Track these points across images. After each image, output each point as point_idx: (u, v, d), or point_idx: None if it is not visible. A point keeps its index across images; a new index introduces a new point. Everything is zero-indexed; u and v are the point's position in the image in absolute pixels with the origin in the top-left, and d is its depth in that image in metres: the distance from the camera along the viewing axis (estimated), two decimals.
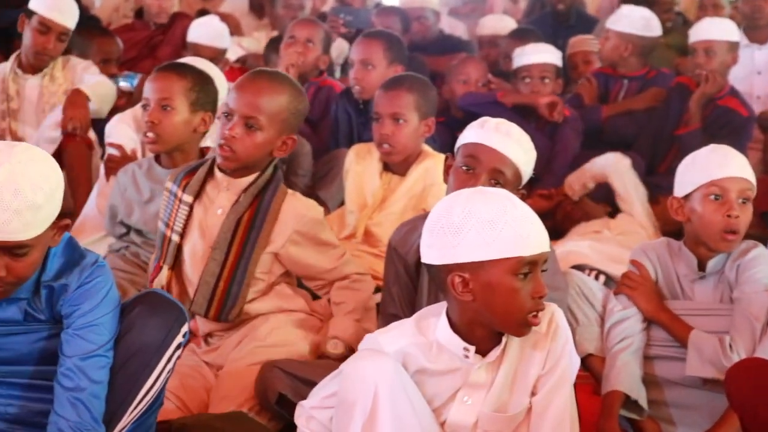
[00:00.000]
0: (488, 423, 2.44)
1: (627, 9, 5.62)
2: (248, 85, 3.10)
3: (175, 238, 3.18)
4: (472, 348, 2.41)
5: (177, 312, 2.57)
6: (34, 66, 4.96)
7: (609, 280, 3.71)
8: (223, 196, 3.15)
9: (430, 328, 2.46)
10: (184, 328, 2.58)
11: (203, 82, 3.65)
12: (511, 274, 2.34)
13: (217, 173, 3.15)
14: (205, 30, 5.56)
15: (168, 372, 2.56)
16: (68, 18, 4.92)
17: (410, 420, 2.38)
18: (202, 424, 2.80)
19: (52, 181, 2.37)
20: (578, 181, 4.81)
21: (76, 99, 4.73)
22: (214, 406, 3.01)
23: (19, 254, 2.36)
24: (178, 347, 2.56)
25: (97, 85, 4.83)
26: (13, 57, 5.02)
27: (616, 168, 4.68)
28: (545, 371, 2.43)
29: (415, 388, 2.41)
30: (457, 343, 2.42)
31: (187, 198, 3.16)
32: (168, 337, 2.54)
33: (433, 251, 2.40)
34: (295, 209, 3.15)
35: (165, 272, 3.20)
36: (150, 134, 3.61)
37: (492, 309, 2.37)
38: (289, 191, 3.19)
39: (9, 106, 4.93)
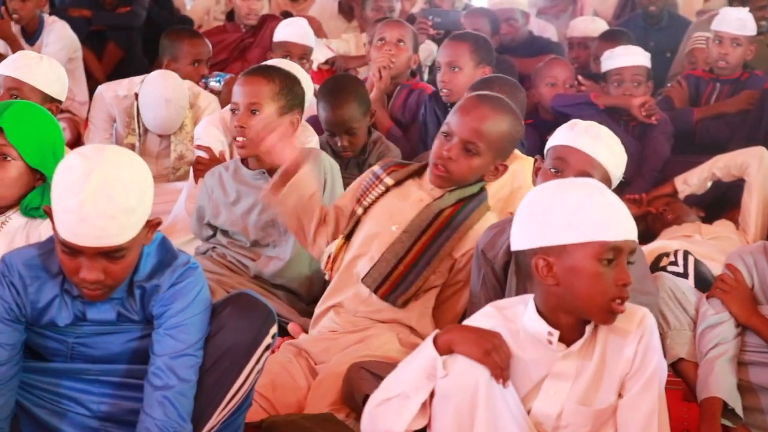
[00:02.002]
0: (572, 415, 2.44)
1: (734, 11, 5.55)
2: (473, 110, 3.12)
3: (359, 211, 3.23)
4: (556, 333, 2.43)
5: (266, 313, 2.59)
6: None
7: (698, 263, 3.63)
8: (426, 196, 3.18)
9: (517, 315, 2.48)
10: (273, 329, 2.60)
11: (290, 84, 3.67)
12: (594, 259, 2.35)
13: (426, 178, 3.20)
14: (293, 29, 5.60)
15: (257, 373, 2.59)
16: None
17: (505, 414, 2.40)
18: (291, 424, 2.82)
19: (143, 182, 2.40)
20: (698, 177, 4.73)
21: None
22: (312, 405, 3.03)
23: (115, 257, 2.40)
24: (266, 348, 2.59)
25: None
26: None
27: (762, 161, 4.56)
28: (632, 372, 2.43)
29: (511, 385, 2.43)
30: (542, 327, 2.44)
31: (388, 180, 3.21)
32: (257, 338, 2.56)
33: (520, 237, 2.44)
34: (483, 225, 3.16)
35: (338, 241, 3.24)
36: (240, 138, 3.64)
37: (575, 294, 2.39)
38: (490, 214, 3.22)
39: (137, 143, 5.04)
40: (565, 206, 2.37)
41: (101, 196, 2.32)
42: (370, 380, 2.91)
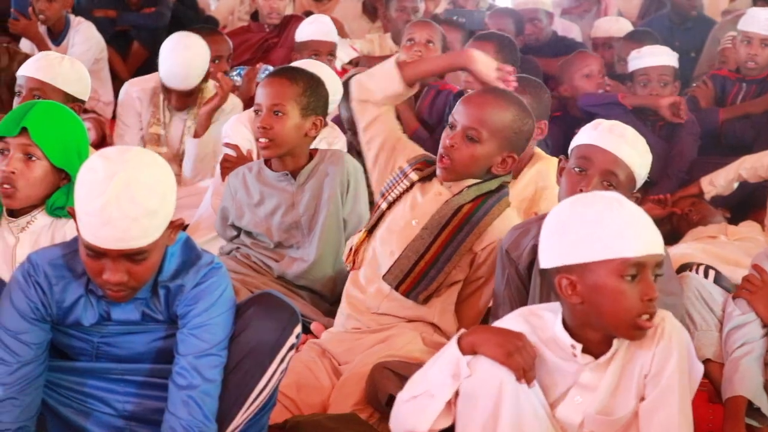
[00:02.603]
0: (593, 424, 2.44)
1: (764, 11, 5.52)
2: (475, 99, 3.15)
3: (384, 205, 3.25)
4: (579, 346, 2.42)
5: (290, 313, 2.59)
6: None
7: (719, 276, 3.63)
8: (445, 190, 3.18)
9: (547, 324, 2.47)
10: (297, 329, 2.60)
11: (314, 86, 3.67)
12: (617, 276, 2.34)
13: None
14: (316, 26, 5.62)
15: (281, 372, 2.59)
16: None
17: (530, 415, 2.40)
18: (315, 424, 2.82)
19: (165, 184, 2.41)
20: (724, 178, 4.70)
21: None
22: (335, 405, 3.03)
23: (138, 259, 2.40)
24: (291, 348, 2.59)
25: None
26: None
27: None
28: (650, 376, 2.41)
29: (536, 384, 2.42)
30: (566, 341, 2.43)
31: (413, 176, 3.22)
32: (281, 337, 2.57)
33: (545, 254, 2.43)
34: (506, 224, 3.15)
35: (361, 235, 3.26)
36: (263, 139, 3.64)
37: (599, 312, 2.38)
38: (510, 210, 3.22)
39: (161, 132, 5.05)
40: (583, 223, 2.35)
41: (124, 199, 2.33)
42: (393, 380, 2.91)
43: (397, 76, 3.32)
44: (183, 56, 4.93)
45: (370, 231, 3.27)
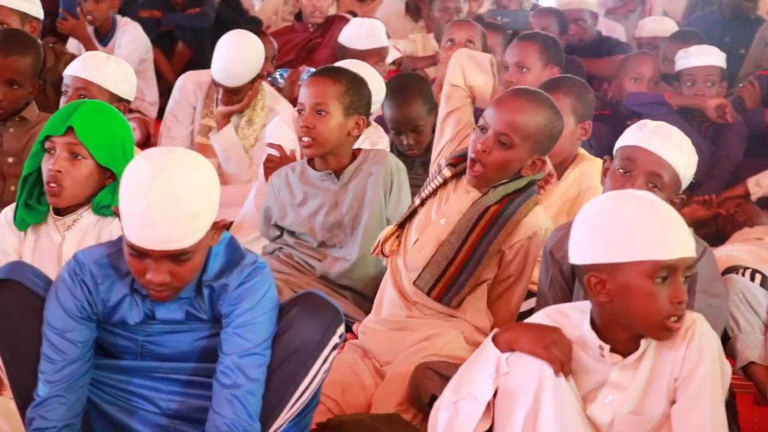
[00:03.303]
0: (623, 424, 2.43)
1: None
2: (508, 102, 3.12)
3: (416, 201, 3.27)
4: (607, 347, 2.42)
5: (334, 313, 2.60)
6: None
7: (765, 279, 3.60)
8: (472, 189, 3.19)
9: (576, 322, 2.47)
10: (341, 329, 2.60)
11: (357, 85, 3.67)
12: (647, 278, 2.33)
13: None
14: (363, 32, 5.63)
15: (324, 372, 2.59)
16: None
17: (570, 408, 2.39)
18: (357, 423, 2.82)
19: (209, 185, 2.41)
20: None
21: None
22: (379, 405, 3.03)
23: (181, 260, 2.41)
24: (334, 348, 2.59)
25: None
26: None
27: None
28: (681, 379, 2.40)
29: (572, 379, 2.42)
30: (593, 340, 2.42)
31: (447, 172, 3.22)
32: (325, 337, 2.57)
33: (574, 250, 2.43)
34: (534, 221, 3.17)
35: (390, 228, 3.28)
36: (305, 138, 3.64)
37: (628, 312, 2.37)
38: (539, 207, 3.21)
39: (208, 124, 5.07)
40: (616, 223, 2.34)
41: (167, 201, 2.33)
42: (436, 380, 2.91)
43: (490, 73, 3.36)
44: (234, 54, 4.94)
45: (401, 225, 3.28)
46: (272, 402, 2.56)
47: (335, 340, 2.59)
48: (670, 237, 2.33)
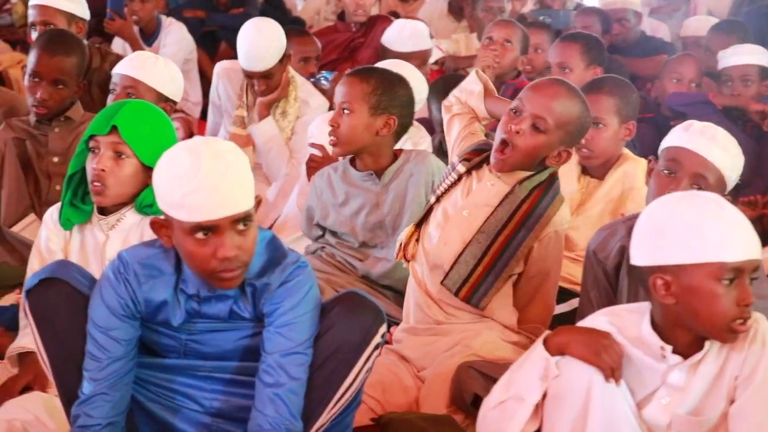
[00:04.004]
0: (682, 425, 2.42)
1: None
2: (547, 88, 3.13)
3: (432, 199, 3.26)
4: (669, 348, 2.40)
5: (376, 312, 2.60)
6: None
7: None
8: (496, 179, 3.18)
9: (633, 324, 2.45)
10: (382, 329, 2.60)
11: (388, 85, 3.64)
12: (713, 279, 2.31)
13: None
14: (406, 35, 5.64)
15: (366, 372, 2.59)
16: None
17: (620, 414, 2.38)
18: (406, 422, 2.83)
19: (243, 156, 2.46)
20: None
21: None
22: (428, 406, 3.03)
23: (245, 230, 2.42)
24: (376, 347, 2.59)
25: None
26: None
27: None
28: (741, 378, 2.39)
29: (623, 384, 2.41)
30: (655, 341, 2.41)
31: (461, 168, 3.22)
32: (367, 337, 2.57)
33: (638, 252, 2.41)
34: (561, 216, 3.18)
35: (409, 229, 3.28)
36: (330, 137, 3.67)
37: (694, 313, 2.35)
38: (564, 205, 3.21)
39: (246, 114, 5.09)
40: (683, 224, 2.32)
41: (219, 166, 2.37)
42: (479, 380, 2.91)
43: (481, 101, 3.36)
44: (254, 38, 4.95)
45: (419, 225, 3.27)
46: (314, 401, 2.57)
47: (377, 339, 2.58)
48: (737, 238, 2.31)
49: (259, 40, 4.94)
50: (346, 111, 3.62)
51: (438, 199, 3.26)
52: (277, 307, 2.53)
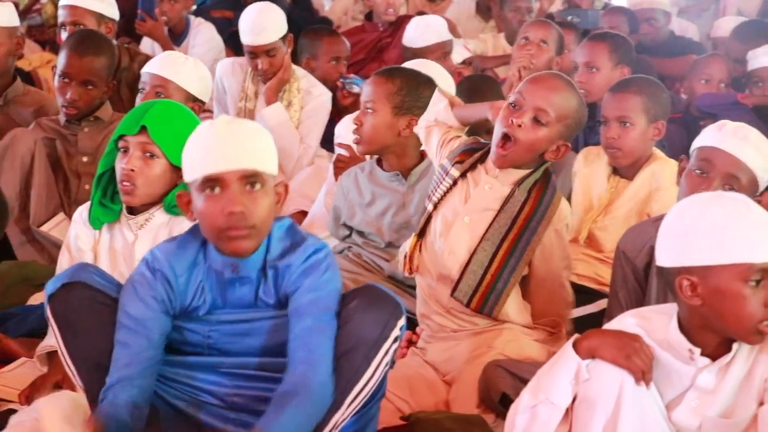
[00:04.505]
0: (712, 428, 2.40)
1: None
2: (546, 81, 3.14)
3: (429, 207, 3.24)
4: (697, 350, 2.39)
5: (393, 305, 2.58)
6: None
7: None
8: (494, 181, 3.17)
9: (661, 326, 2.44)
10: (401, 322, 2.59)
11: (413, 86, 3.64)
12: (740, 281, 2.30)
13: (490, 162, 3.18)
14: (422, 31, 5.64)
15: (386, 365, 2.58)
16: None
17: (653, 421, 2.37)
18: (435, 422, 2.82)
19: (266, 132, 2.52)
20: None
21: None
22: (458, 406, 3.03)
23: (254, 191, 2.44)
24: (395, 340, 2.57)
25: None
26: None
27: None
28: None
29: (653, 387, 2.40)
30: (683, 344, 2.39)
31: (454, 172, 3.20)
32: (385, 330, 2.55)
33: (664, 253, 2.39)
34: (560, 214, 3.16)
35: (411, 240, 3.26)
36: (355, 135, 3.69)
37: (720, 315, 2.34)
38: (563, 200, 3.20)
39: (246, 105, 5.10)
40: (709, 225, 2.31)
41: (234, 126, 2.46)
42: (506, 378, 2.90)
43: (449, 113, 3.35)
44: (256, 13, 5.03)
45: (420, 235, 3.25)
46: (334, 394, 2.54)
47: (396, 332, 2.57)
48: (764, 240, 2.29)
49: (262, 14, 5.03)
50: (369, 110, 3.63)
51: (435, 207, 3.23)
52: (299, 286, 2.53)
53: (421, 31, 5.67)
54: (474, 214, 3.16)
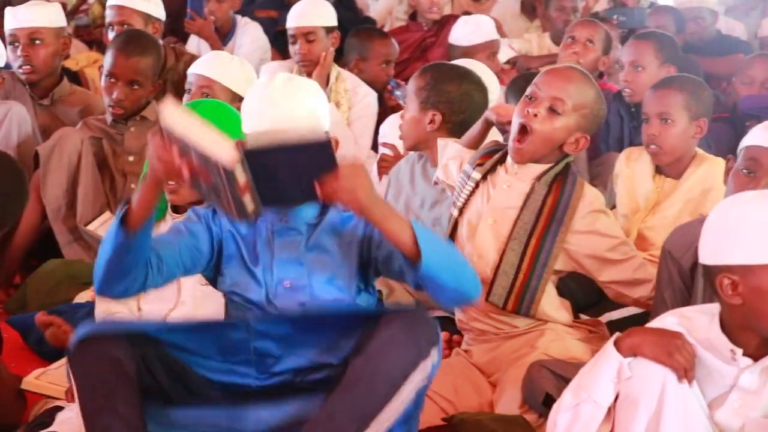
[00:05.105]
0: (755, 428, 2.38)
1: None
2: (561, 72, 3.16)
3: (455, 212, 3.24)
4: (739, 351, 2.37)
5: (429, 331, 2.46)
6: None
7: None
8: (512, 179, 3.16)
9: (702, 326, 2.43)
10: (435, 352, 2.47)
11: (438, 81, 3.67)
12: None
13: (509, 160, 3.18)
14: (470, 29, 5.64)
15: (415, 393, 2.44)
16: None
17: (696, 419, 2.36)
18: (477, 423, 2.82)
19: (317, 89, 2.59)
20: None
21: None
22: (502, 407, 3.02)
23: None
24: (432, 365, 2.46)
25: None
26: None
27: None
28: None
29: (696, 385, 2.39)
30: (724, 344, 2.38)
31: (476, 175, 3.21)
32: (419, 357, 2.43)
33: (706, 251, 2.39)
34: (587, 198, 3.13)
35: None
36: (399, 132, 3.77)
37: (760, 315, 2.33)
38: (587, 185, 3.19)
39: None
40: (752, 224, 2.30)
41: (289, 87, 2.53)
42: (550, 379, 2.89)
43: (457, 145, 3.43)
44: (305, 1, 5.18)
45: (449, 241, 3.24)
46: (360, 414, 2.40)
47: (432, 360, 2.45)
48: None
49: (310, 0, 5.16)
50: (407, 106, 3.72)
51: (460, 212, 3.23)
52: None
53: (470, 30, 5.67)
54: (497, 215, 3.15)
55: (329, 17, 5.14)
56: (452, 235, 3.24)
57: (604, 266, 3.14)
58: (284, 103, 2.48)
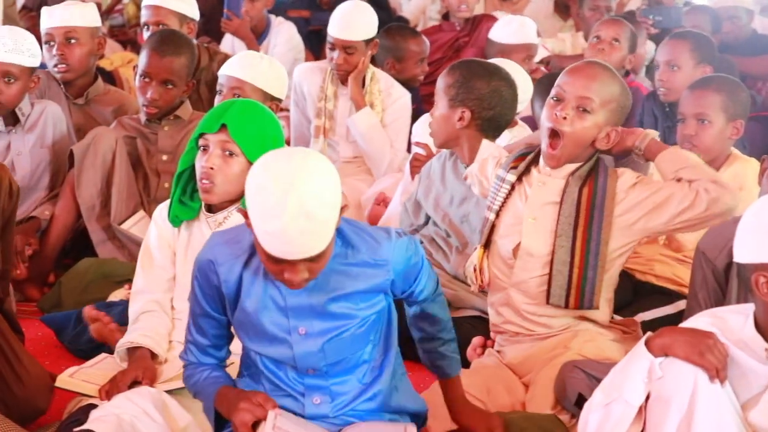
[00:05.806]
0: None
1: None
2: (583, 69, 3.13)
3: (491, 216, 3.23)
4: None
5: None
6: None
7: None
8: (546, 178, 3.16)
9: (737, 326, 2.42)
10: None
11: (467, 78, 3.67)
12: None
13: (542, 161, 3.18)
14: (512, 28, 5.63)
15: None
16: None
17: (729, 419, 2.35)
18: (509, 422, 2.81)
19: (333, 185, 2.37)
20: None
21: None
22: (534, 406, 3.01)
23: (318, 258, 2.40)
24: None
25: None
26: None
27: None
28: None
29: (728, 385, 2.38)
30: (759, 343, 2.38)
31: (510, 177, 3.20)
32: None
33: (741, 249, 2.38)
34: (621, 179, 3.11)
35: (478, 252, 3.24)
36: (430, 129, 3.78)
37: None
38: (621, 168, 3.16)
39: (326, 106, 5.12)
40: None
41: (301, 218, 2.30)
42: (583, 379, 2.88)
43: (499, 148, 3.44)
44: (350, 9, 5.10)
45: (486, 245, 3.24)
46: None
47: None
48: None
49: (353, 12, 5.08)
50: (436, 103, 3.71)
51: (497, 215, 3.22)
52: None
53: (514, 29, 5.67)
54: (536, 212, 3.14)
55: (371, 29, 5.08)
56: (489, 237, 3.23)
57: (661, 210, 3.07)
58: (300, 240, 2.33)
